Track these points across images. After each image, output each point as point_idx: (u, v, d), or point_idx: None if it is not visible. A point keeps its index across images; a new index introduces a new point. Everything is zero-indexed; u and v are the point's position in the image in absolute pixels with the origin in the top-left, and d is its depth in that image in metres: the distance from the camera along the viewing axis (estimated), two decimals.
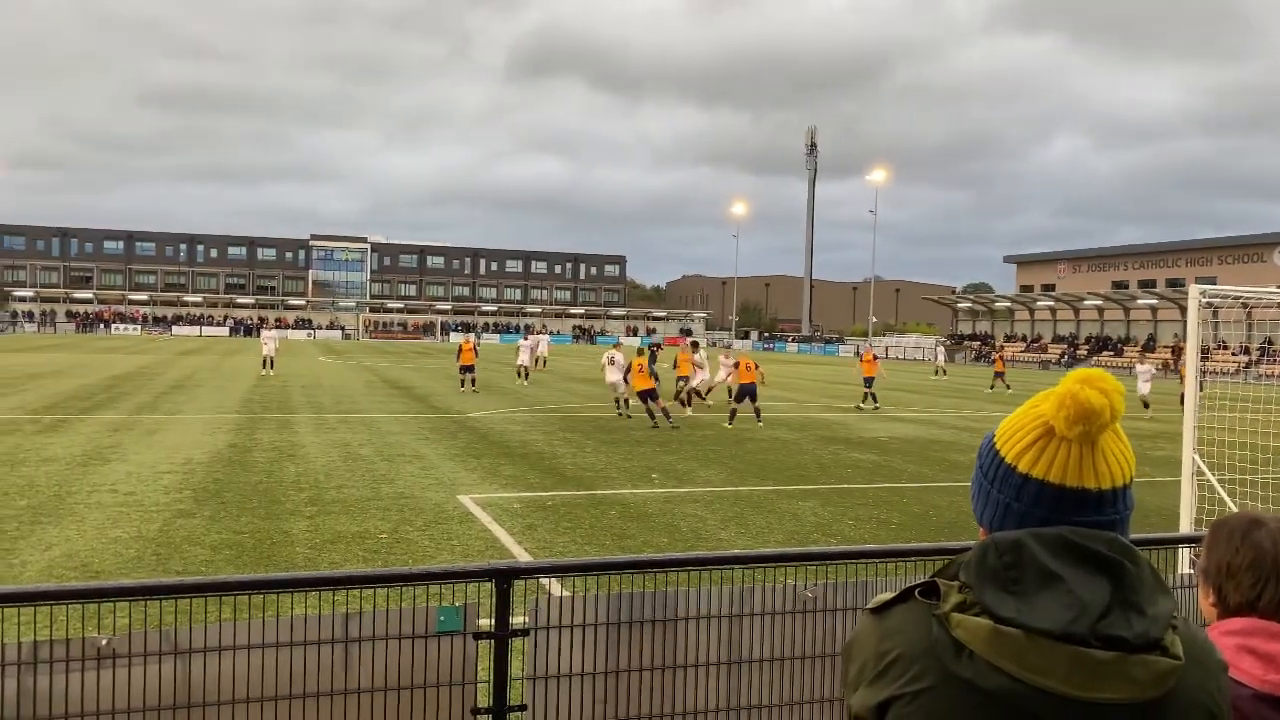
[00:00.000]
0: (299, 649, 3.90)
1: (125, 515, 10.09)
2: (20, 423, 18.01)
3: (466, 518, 10.51)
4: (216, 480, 12.34)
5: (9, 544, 8.77)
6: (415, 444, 16.51)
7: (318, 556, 8.61)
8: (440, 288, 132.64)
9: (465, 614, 3.78)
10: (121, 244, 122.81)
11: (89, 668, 3.66)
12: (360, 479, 12.73)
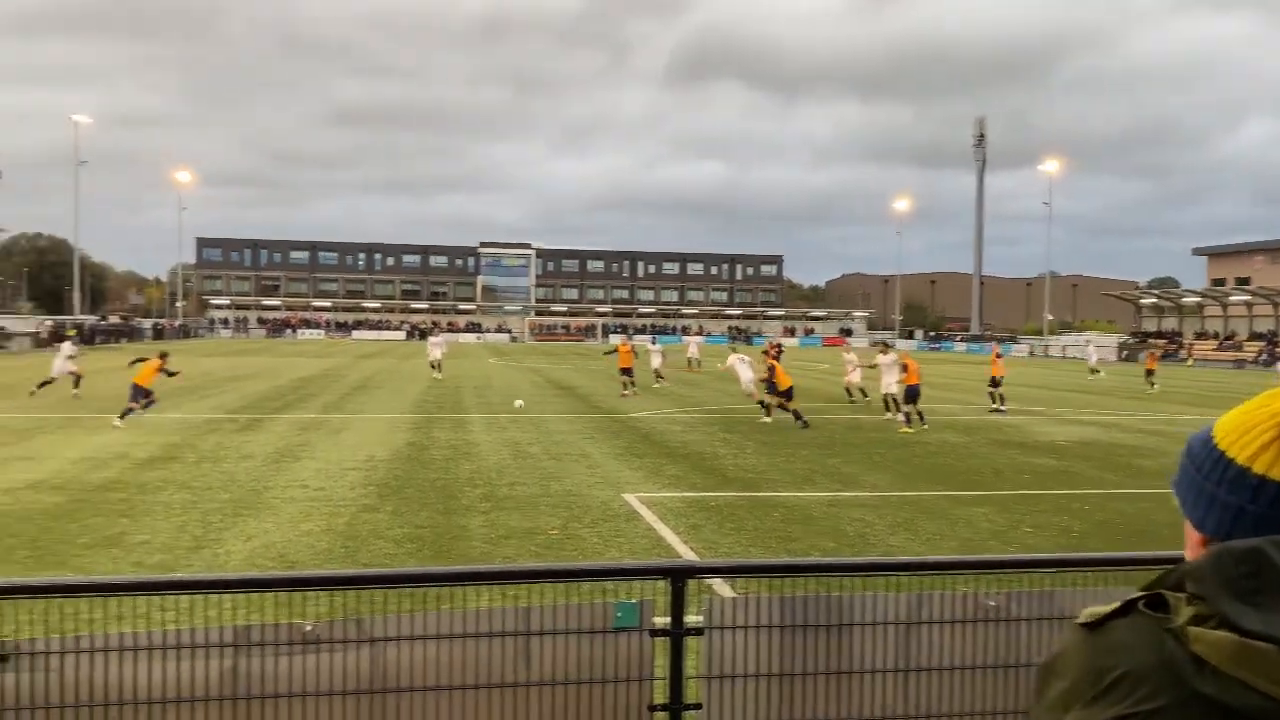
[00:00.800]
0: (480, 641, 4.06)
1: (316, 509, 10.76)
2: (220, 422, 19.44)
3: (632, 516, 10.68)
4: (397, 477, 12.98)
5: (215, 535, 9.50)
6: (581, 443, 16.88)
7: (493, 551, 8.93)
8: (600, 290, 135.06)
9: (642, 611, 3.85)
10: (307, 254, 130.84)
11: (294, 652, 3.93)
12: (530, 476, 13.13)
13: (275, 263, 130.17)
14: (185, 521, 10.04)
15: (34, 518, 10.09)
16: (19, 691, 3.63)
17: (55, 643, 3.68)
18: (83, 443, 15.91)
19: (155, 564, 8.34)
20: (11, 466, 13.35)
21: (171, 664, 3.78)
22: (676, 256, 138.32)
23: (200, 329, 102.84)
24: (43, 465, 13.53)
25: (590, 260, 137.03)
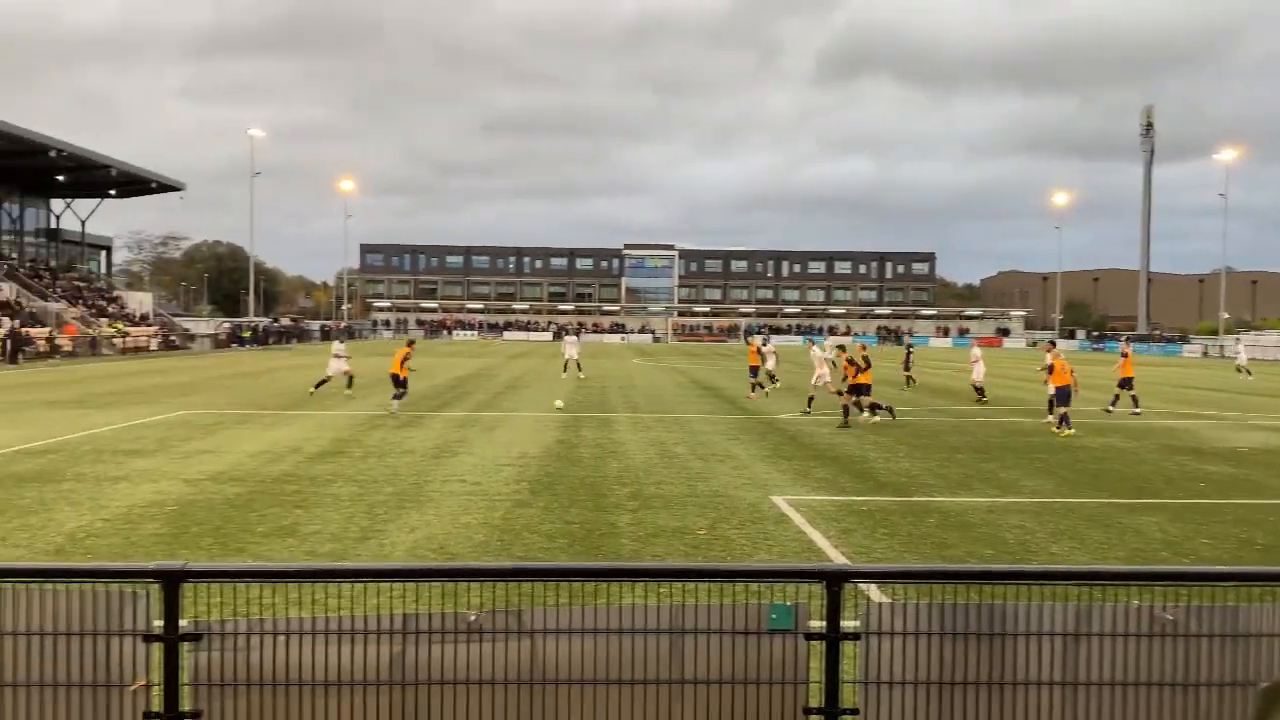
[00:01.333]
0: (633, 636, 4.12)
1: (473, 503, 11.14)
2: (384, 419, 20.36)
3: (781, 519, 10.60)
4: (548, 474, 13.29)
5: (380, 526, 9.96)
6: (726, 444, 16.87)
7: (642, 549, 9.03)
8: (744, 291, 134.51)
9: (797, 613, 3.83)
10: (461, 258, 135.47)
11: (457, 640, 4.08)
12: (677, 476, 13.21)
13: (432, 267, 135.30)
14: (353, 513, 10.57)
15: (216, 507, 10.83)
16: (210, 669, 3.91)
17: (242, 624, 3.94)
18: (260, 437, 16.96)
19: (326, 553, 8.81)
20: (197, 459, 14.36)
21: (345, 648, 3.99)
22: (823, 255, 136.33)
23: (364, 330, 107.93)
24: (224, 458, 14.49)
25: (734, 260, 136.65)
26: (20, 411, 21.31)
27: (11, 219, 64.87)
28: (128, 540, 9.20)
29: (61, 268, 67.86)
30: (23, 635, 3.90)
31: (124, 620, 3.88)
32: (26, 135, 50.88)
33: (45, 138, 52.73)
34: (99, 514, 10.37)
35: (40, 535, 9.37)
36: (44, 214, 68.98)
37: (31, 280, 59.97)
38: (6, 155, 53.86)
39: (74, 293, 62.71)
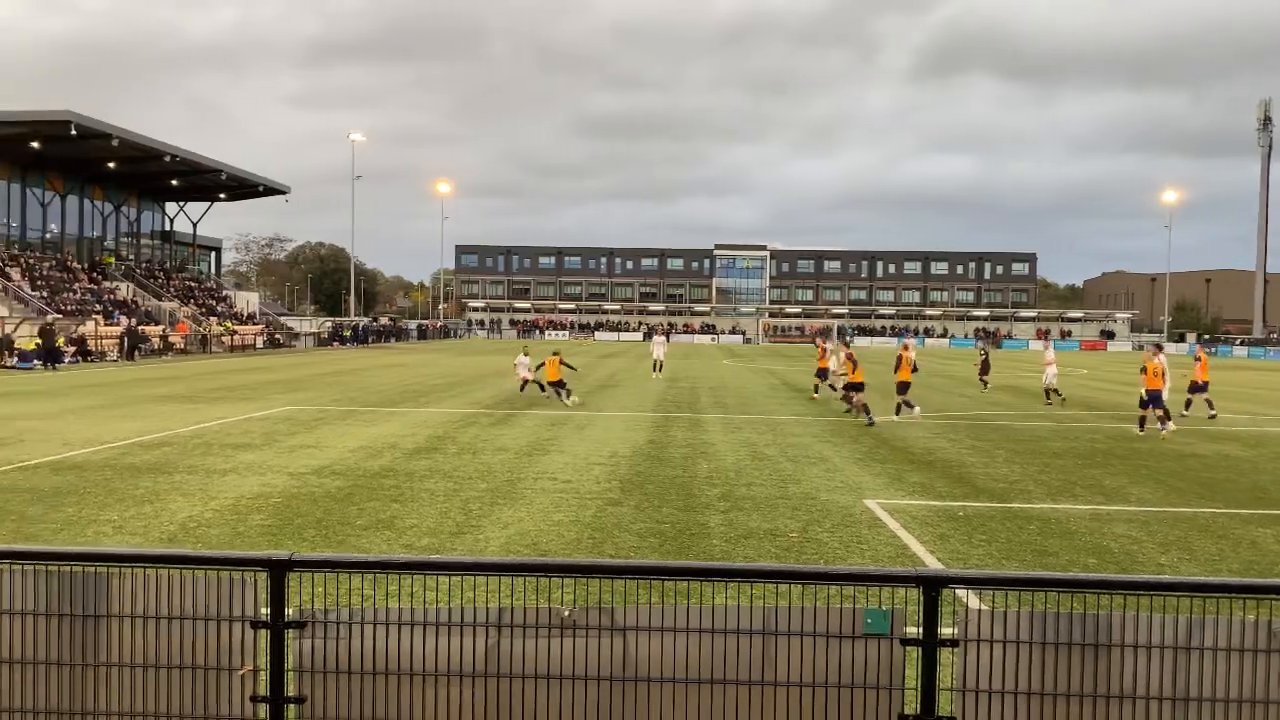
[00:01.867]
0: (723, 636, 4.11)
1: (565, 501, 11.25)
2: (478, 416, 20.72)
3: (875, 523, 10.43)
4: (639, 473, 13.35)
5: (475, 522, 10.14)
6: (818, 446, 16.68)
7: (732, 550, 9.00)
8: (836, 291, 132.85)
9: (893, 618, 3.76)
10: (553, 259, 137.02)
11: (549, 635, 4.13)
12: (768, 478, 13.12)
13: (525, 268, 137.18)
14: (448, 508, 10.78)
15: (319, 500, 11.17)
16: (314, 655, 4.04)
17: (344, 613, 4.06)
18: (359, 433, 17.43)
19: (423, 546, 9.01)
20: (300, 453, 14.83)
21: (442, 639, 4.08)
22: (918, 255, 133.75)
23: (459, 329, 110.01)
24: (326, 453, 14.94)
25: (827, 260, 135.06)
26: (136, 405, 22.34)
27: (129, 222, 68.05)
28: (235, 530, 9.56)
29: (175, 268, 70.89)
30: (140, 618, 4.08)
31: (233, 606, 4.04)
32: (145, 142, 53.31)
33: (161, 144, 55.17)
34: (209, 504, 10.81)
35: (154, 524, 9.80)
36: (159, 217, 72.18)
37: (147, 280, 62.84)
38: (126, 161, 56.53)
39: (186, 292, 65.45)
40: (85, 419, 19.31)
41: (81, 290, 54.23)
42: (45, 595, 4.10)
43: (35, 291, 49.54)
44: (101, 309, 51.87)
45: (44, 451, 14.63)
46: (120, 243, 66.86)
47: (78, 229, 62.25)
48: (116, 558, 4.24)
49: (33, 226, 58.13)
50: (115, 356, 44.42)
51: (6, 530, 9.42)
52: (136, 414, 20.42)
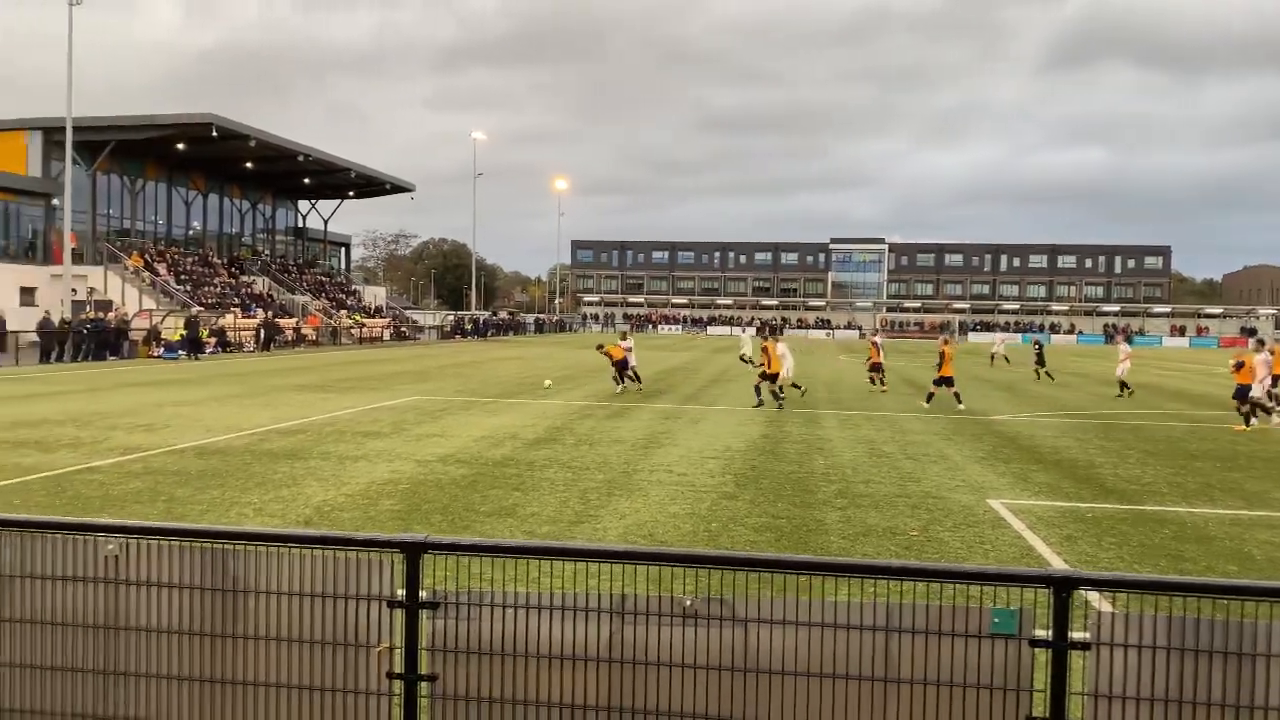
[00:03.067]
0: (843, 631, 4.10)
1: (680, 493, 11.34)
2: (594, 409, 21.01)
3: (998, 523, 10.18)
4: (753, 467, 13.33)
5: (593, 511, 10.32)
6: (939, 444, 16.33)
7: (851, 547, 8.92)
8: (958, 286, 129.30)
9: (1021, 618, 3.70)
10: (666, 254, 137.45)
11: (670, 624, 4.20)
12: (887, 475, 12.93)
13: (639, 263, 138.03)
14: (567, 497, 11.00)
15: (445, 487, 11.54)
16: (445, 636, 4.21)
17: (474, 596, 4.22)
18: (482, 423, 17.91)
19: (544, 534, 9.23)
20: (427, 442, 15.34)
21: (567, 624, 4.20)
22: (1044, 249, 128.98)
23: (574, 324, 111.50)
24: (451, 441, 15.41)
25: (948, 254, 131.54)
26: (273, 394, 23.45)
27: (265, 219, 71.29)
28: (366, 515, 9.97)
29: (307, 263, 73.96)
30: (281, 594, 4.33)
31: (370, 586, 4.24)
32: (279, 142, 55.78)
33: (295, 144, 57.63)
34: (341, 489, 11.30)
35: (291, 507, 10.31)
36: (292, 214, 75.42)
37: (282, 275, 65.76)
38: (263, 161, 59.27)
39: (317, 286, 68.21)
40: (226, 406, 20.38)
41: (221, 284, 57.13)
42: (194, 570, 4.39)
43: (180, 285, 52.43)
44: (240, 302, 54.55)
45: (190, 437, 15.52)
46: (257, 239, 70.14)
47: (218, 226, 65.57)
48: (262, 537, 4.51)
49: (177, 224, 61.52)
50: (252, 347, 46.67)
51: (158, 509, 10.04)
52: (273, 402, 21.44)
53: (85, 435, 15.47)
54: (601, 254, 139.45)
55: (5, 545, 4.44)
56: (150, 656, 4.42)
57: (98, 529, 4.50)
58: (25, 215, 49.42)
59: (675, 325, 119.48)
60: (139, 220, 57.47)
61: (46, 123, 49.25)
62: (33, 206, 49.69)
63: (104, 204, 54.16)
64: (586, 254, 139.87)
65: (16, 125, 51.04)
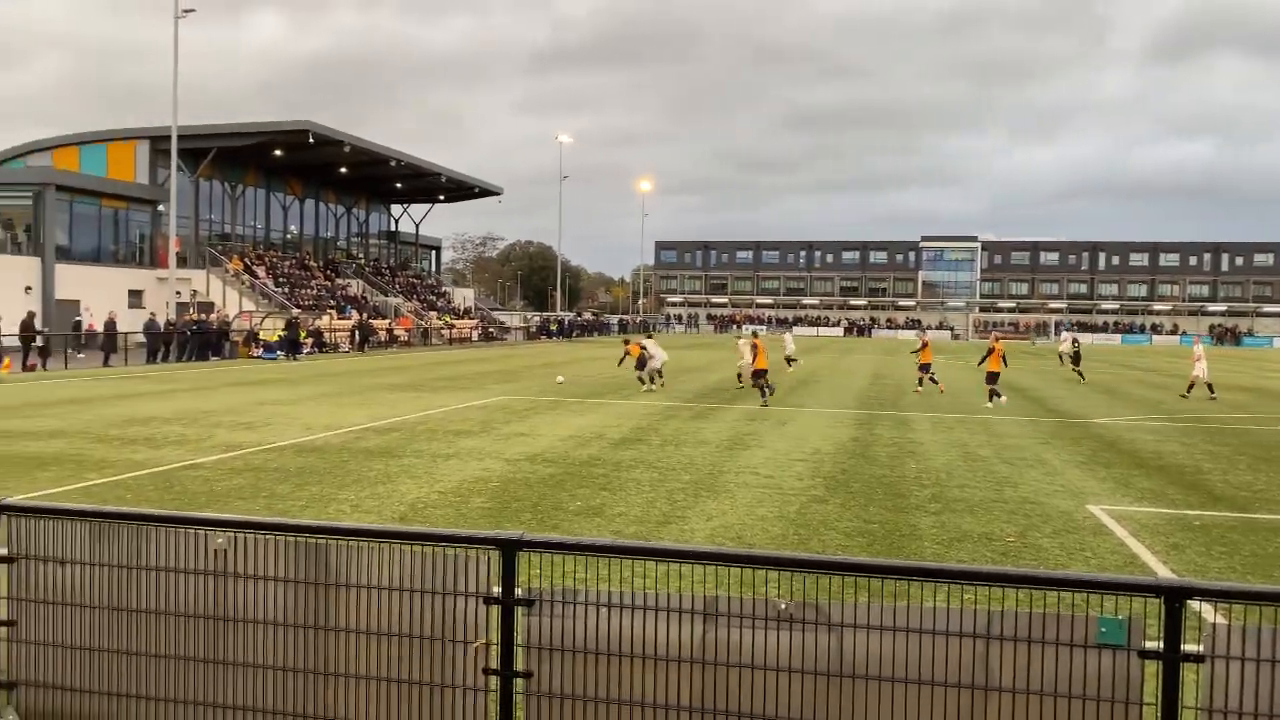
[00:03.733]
0: (940, 638, 4.01)
1: (767, 496, 11.26)
2: (678, 410, 21.01)
3: (1100, 529, 9.85)
4: (843, 471, 13.16)
5: (680, 512, 10.31)
6: (1036, 448, 15.89)
7: (945, 553, 8.74)
8: (1054, 285, 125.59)
9: (1130, 629, 3.57)
10: (750, 254, 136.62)
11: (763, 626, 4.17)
12: (982, 480, 12.63)
13: (722, 263, 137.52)
14: (653, 498, 11.02)
15: (533, 485, 11.67)
16: (539, 633, 4.25)
17: (567, 594, 4.25)
18: (568, 423, 18.07)
19: (631, 534, 9.26)
20: (515, 441, 15.54)
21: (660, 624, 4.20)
22: (1145, 246, 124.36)
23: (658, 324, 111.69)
24: (538, 441, 15.58)
25: (1044, 252, 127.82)
26: (367, 393, 24.05)
27: (359, 223, 73.15)
28: (458, 512, 10.14)
29: (399, 266, 75.63)
30: (380, 589, 4.43)
31: (466, 582, 4.31)
32: (372, 148, 57.19)
33: (387, 149, 59.01)
34: (434, 487, 11.52)
35: (386, 504, 10.55)
36: (385, 218, 77.20)
37: (375, 278, 67.39)
38: (356, 166, 60.81)
39: (409, 288, 69.71)
40: (323, 405, 20.96)
41: (318, 287, 58.80)
42: (296, 564, 4.52)
43: (278, 288, 54.13)
44: (335, 304, 56.07)
45: (289, 435, 16.01)
46: (351, 242, 72.00)
47: (314, 230, 67.49)
48: (363, 532, 4.63)
49: (275, 228, 63.52)
50: (347, 348, 47.93)
51: (260, 505, 10.38)
52: (368, 401, 21.98)
53: (190, 433, 16.08)
54: (685, 254, 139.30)
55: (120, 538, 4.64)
56: (255, 647, 4.57)
57: (207, 523, 4.67)
58: (134, 221, 51.62)
59: (760, 325, 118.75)
60: (239, 225, 59.51)
61: (153, 132, 51.36)
62: (140, 212, 51.87)
63: (206, 209, 56.22)
64: (670, 254, 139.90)
65: (126, 135, 53.35)
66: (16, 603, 4.70)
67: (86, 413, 18.65)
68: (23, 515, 4.68)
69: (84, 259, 47.13)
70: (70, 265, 45.42)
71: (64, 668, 4.70)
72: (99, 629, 4.66)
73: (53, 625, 4.70)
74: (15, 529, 4.66)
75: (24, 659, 4.73)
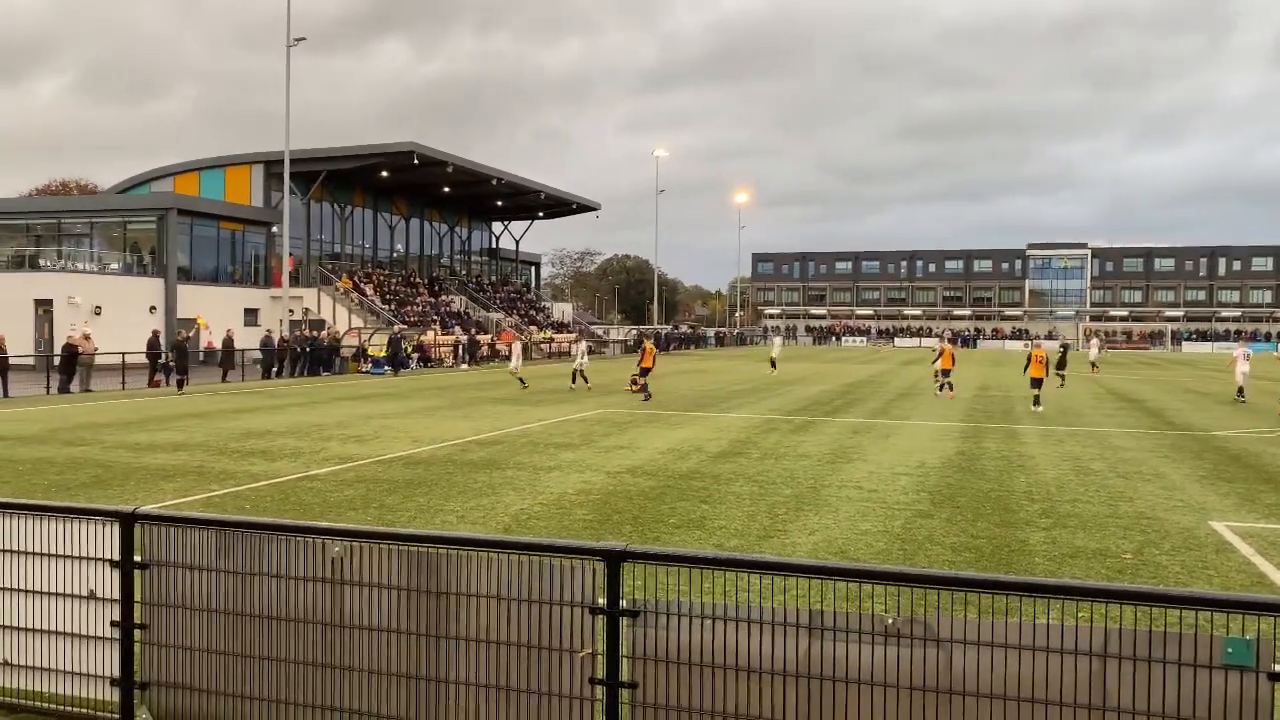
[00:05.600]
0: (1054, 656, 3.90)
1: (871, 510, 11.08)
2: (778, 423, 20.85)
3: (1223, 547, 9.41)
4: (949, 485, 12.87)
5: (781, 526, 10.24)
6: (1153, 461, 15.26)
7: (1057, 569, 8.47)
8: (1170, 292, 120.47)
9: (1259, 649, 3.42)
10: (850, 264, 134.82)
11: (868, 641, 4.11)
12: (1095, 494, 12.19)
13: (821, 273, 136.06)
14: (754, 511, 10.96)
15: (633, 498, 11.74)
16: (644, 644, 4.28)
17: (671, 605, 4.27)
18: (667, 436, 18.11)
19: (732, 547, 9.22)
20: (615, 454, 15.66)
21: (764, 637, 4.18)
22: (1269, 250, 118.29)
23: (755, 336, 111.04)
24: (638, 453, 15.66)
25: (1159, 258, 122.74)
26: (471, 406, 24.55)
27: (461, 240, 74.82)
28: (561, 523, 10.27)
29: (500, 282, 77.05)
30: (489, 598, 4.53)
31: (572, 592, 4.37)
32: (474, 167, 58.51)
33: (489, 168, 60.29)
34: (537, 498, 11.69)
35: (491, 515, 10.75)
36: (486, 235, 78.79)
37: (477, 293, 68.82)
38: (459, 185, 62.29)
39: (509, 303, 70.94)
40: (429, 418, 21.48)
41: (422, 303, 60.34)
42: (407, 573, 4.66)
43: (385, 305, 55.74)
44: (439, 319, 57.43)
45: (397, 447, 16.46)
46: (454, 259, 73.68)
47: (419, 248, 69.31)
48: (471, 542, 4.73)
49: (382, 246, 65.44)
50: (451, 362, 49.01)
51: (371, 515, 10.70)
52: (471, 414, 22.44)
53: (304, 445, 16.67)
54: (782, 265, 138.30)
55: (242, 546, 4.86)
56: (368, 652, 4.72)
57: (323, 532, 4.86)
58: (249, 242, 53.86)
59: (860, 337, 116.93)
60: (348, 244, 61.51)
61: (267, 157, 53.57)
62: (256, 234, 54.09)
63: (317, 230, 58.29)
64: (767, 266, 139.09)
65: (242, 160, 55.79)
66: (148, 607, 4.96)
67: (206, 426, 19.52)
68: (154, 524, 4.94)
69: (203, 279, 49.36)
70: (190, 285, 47.63)
71: (191, 669, 4.94)
72: (223, 633, 4.88)
73: (181, 629, 4.94)
74: (147, 537, 4.92)
75: (155, 661, 4.98)
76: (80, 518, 5.03)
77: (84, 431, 18.39)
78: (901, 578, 4.27)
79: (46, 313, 41.85)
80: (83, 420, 20.54)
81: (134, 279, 46.29)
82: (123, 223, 49.50)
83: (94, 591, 4.98)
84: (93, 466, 14.09)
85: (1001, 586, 4.11)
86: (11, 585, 5.14)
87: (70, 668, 5.06)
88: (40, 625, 5.09)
